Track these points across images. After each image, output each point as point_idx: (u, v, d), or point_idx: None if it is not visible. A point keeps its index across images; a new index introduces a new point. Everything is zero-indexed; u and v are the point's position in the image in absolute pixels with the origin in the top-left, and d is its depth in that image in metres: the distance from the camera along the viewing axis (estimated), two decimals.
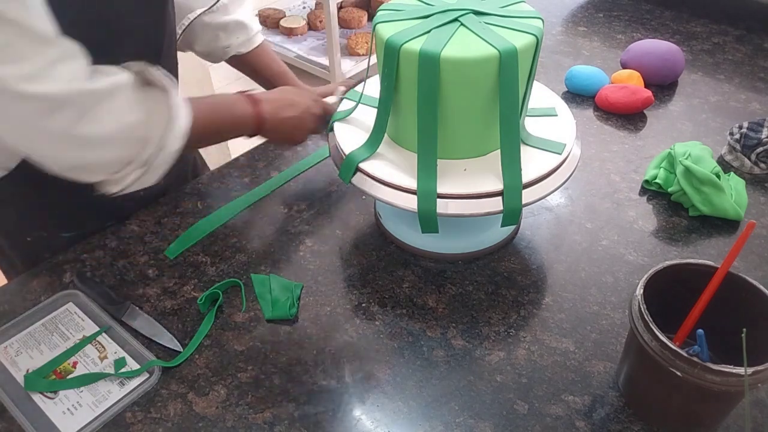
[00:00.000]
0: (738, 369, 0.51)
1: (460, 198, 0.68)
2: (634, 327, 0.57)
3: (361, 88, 0.82)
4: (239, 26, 0.95)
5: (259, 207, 0.88)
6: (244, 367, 0.67)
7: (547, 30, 1.32)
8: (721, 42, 1.28)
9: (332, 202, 0.89)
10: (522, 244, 0.82)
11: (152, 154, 0.65)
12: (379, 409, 0.63)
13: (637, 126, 1.03)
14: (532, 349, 0.68)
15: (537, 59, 0.68)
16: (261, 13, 2.95)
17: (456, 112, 0.67)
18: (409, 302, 0.74)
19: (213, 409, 0.63)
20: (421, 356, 0.68)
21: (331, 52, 2.55)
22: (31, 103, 0.57)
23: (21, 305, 0.74)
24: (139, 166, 0.66)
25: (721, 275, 0.56)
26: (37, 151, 0.62)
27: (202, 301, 0.72)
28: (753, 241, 0.81)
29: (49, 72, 0.57)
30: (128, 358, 0.68)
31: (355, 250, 0.81)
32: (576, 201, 0.88)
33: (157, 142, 0.65)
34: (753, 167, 0.92)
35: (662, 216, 0.85)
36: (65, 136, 0.60)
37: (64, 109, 0.58)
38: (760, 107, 1.07)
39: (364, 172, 0.71)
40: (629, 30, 1.33)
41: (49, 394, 0.65)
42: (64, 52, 0.58)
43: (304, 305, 0.74)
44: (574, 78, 1.10)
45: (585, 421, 0.62)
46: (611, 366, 0.66)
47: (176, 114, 0.66)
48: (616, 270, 0.77)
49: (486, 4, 0.70)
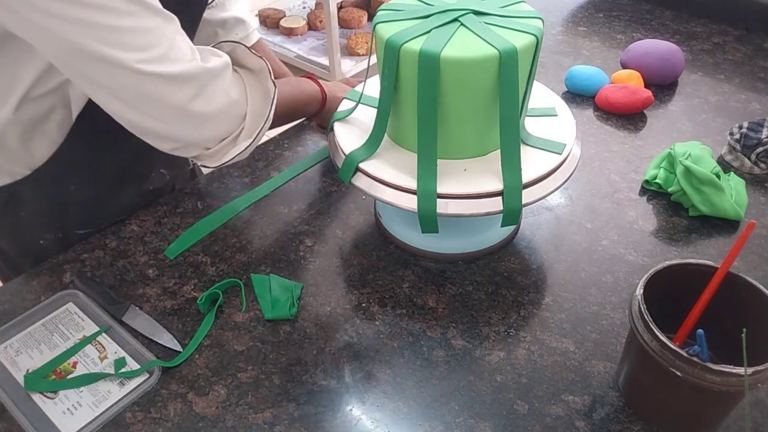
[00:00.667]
0: (738, 369, 0.51)
1: (460, 198, 0.68)
2: (634, 327, 0.57)
3: (361, 88, 0.82)
4: (237, 22, 0.95)
5: (259, 207, 0.88)
6: (244, 367, 0.67)
7: (547, 30, 1.32)
8: (721, 42, 1.28)
9: (332, 202, 0.89)
10: (522, 244, 0.82)
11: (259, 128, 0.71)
12: (379, 409, 0.63)
13: (637, 126, 1.03)
14: (532, 349, 0.68)
15: (537, 59, 0.68)
16: (261, 13, 2.95)
17: (456, 112, 0.67)
18: (409, 302, 0.74)
19: (213, 409, 0.63)
20: (421, 356, 0.68)
21: (331, 52, 2.55)
22: (162, 81, 0.61)
23: (21, 305, 0.74)
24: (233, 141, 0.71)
25: (721, 275, 0.56)
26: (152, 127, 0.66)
27: (202, 301, 0.72)
28: (753, 241, 0.81)
29: (174, 51, 0.61)
30: (128, 358, 0.68)
31: (355, 250, 0.81)
32: (576, 201, 0.88)
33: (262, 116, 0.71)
34: (753, 167, 0.92)
35: (662, 216, 0.85)
36: (180, 111, 0.64)
37: (185, 86, 0.62)
38: (760, 107, 1.07)
39: (364, 172, 0.71)
40: (629, 30, 1.33)
41: (49, 394, 0.65)
42: (177, 27, 0.62)
43: (304, 305, 0.74)
44: (574, 78, 1.10)
45: (585, 421, 0.62)
46: (611, 366, 0.66)
47: (275, 90, 0.72)
48: (616, 270, 0.77)
49: (486, 4, 0.70)
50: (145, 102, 0.63)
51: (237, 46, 0.74)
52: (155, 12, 0.60)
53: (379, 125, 0.72)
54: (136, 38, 0.58)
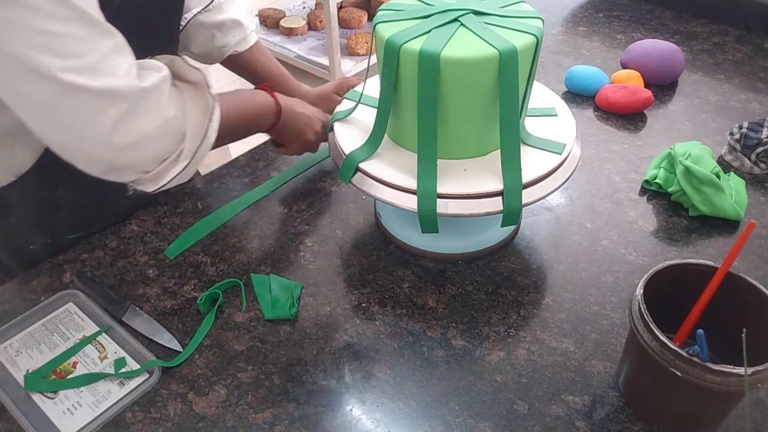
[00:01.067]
0: (738, 369, 0.51)
1: (460, 198, 0.68)
2: (634, 327, 0.57)
3: (361, 88, 0.82)
4: (235, 24, 0.95)
5: (259, 207, 0.88)
6: (244, 367, 0.67)
7: (547, 30, 1.32)
8: (721, 42, 1.28)
9: (332, 202, 0.89)
10: (522, 244, 0.82)
11: (197, 146, 0.65)
12: (379, 409, 0.63)
13: (637, 126, 1.03)
14: (532, 349, 0.68)
15: (537, 59, 0.68)
16: (261, 13, 2.95)
17: (456, 112, 0.67)
18: (409, 302, 0.74)
19: (213, 409, 0.63)
20: (421, 356, 0.68)
21: (331, 52, 2.55)
22: (85, 96, 0.56)
23: (21, 305, 0.74)
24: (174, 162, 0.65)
25: (721, 275, 0.56)
26: (76, 147, 0.60)
27: (202, 301, 0.72)
28: (753, 241, 0.81)
29: (105, 65, 0.56)
30: (128, 358, 0.68)
31: (355, 250, 0.81)
32: (576, 201, 0.88)
33: (200, 133, 0.65)
34: (753, 167, 0.92)
35: (662, 216, 0.85)
36: (109, 131, 0.58)
37: (115, 104, 0.57)
38: (760, 107, 1.07)
39: (364, 172, 0.71)
40: (629, 30, 1.33)
41: (49, 394, 0.65)
42: (117, 44, 0.58)
43: (304, 305, 0.74)
44: (574, 78, 1.10)
45: (585, 421, 0.62)
46: (611, 366, 0.66)
47: (214, 104, 0.66)
48: (616, 270, 0.77)
49: (486, 4, 0.70)
50: (68, 118, 0.57)
51: (175, 59, 0.68)
52: (90, 21, 0.55)
53: (379, 125, 0.72)
54: (64, 44, 0.53)
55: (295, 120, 0.84)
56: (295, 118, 0.84)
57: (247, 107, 0.79)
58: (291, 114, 0.83)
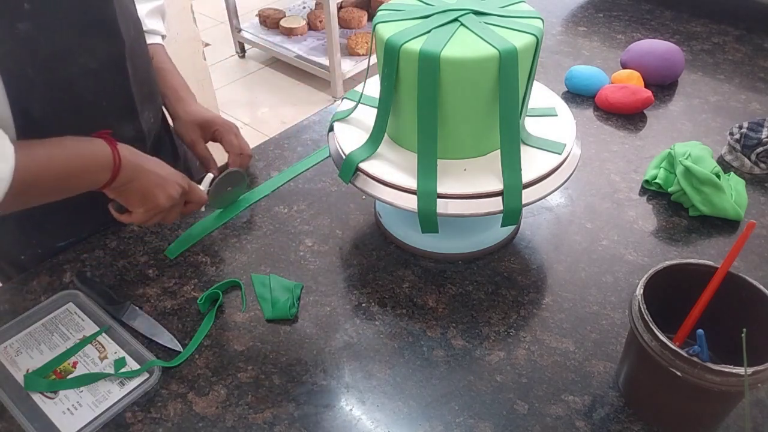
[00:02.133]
0: (738, 369, 0.51)
1: (460, 198, 0.68)
2: (634, 327, 0.57)
3: (361, 88, 0.82)
4: None
5: (259, 207, 0.88)
6: (244, 367, 0.67)
7: (547, 30, 1.32)
8: (721, 42, 1.28)
9: (332, 202, 0.89)
10: (522, 244, 0.82)
11: None
12: (379, 409, 0.63)
13: (637, 126, 1.03)
14: (532, 349, 0.68)
15: (537, 59, 0.68)
16: (261, 13, 2.95)
17: (456, 112, 0.67)
18: (409, 302, 0.74)
19: (213, 409, 0.63)
20: (421, 356, 0.68)
21: (331, 52, 2.55)
22: None
23: (21, 305, 0.74)
24: None
25: (721, 275, 0.56)
26: None
27: (202, 301, 0.72)
28: (753, 241, 0.81)
29: None
30: (128, 358, 0.68)
31: (355, 250, 0.81)
32: (576, 201, 0.88)
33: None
34: (753, 167, 0.92)
35: (662, 216, 0.85)
36: None
37: None
38: (760, 107, 1.07)
39: (364, 172, 0.71)
40: (629, 30, 1.33)
41: (49, 394, 0.65)
42: None
43: (304, 305, 0.74)
44: (574, 78, 1.10)
45: (585, 421, 0.62)
46: (611, 366, 0.66)
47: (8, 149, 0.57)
48: (616, 270, 0.77)
49: (486, 4, 0.70)
50: None
51: None
52: None
53: (379, 125, 0.72)
54: None
55: (142, 178, 0.69)
56: (142, 175, 0.69)
57: (75, 160, 0.64)
58: (136, 171, 0.68)
